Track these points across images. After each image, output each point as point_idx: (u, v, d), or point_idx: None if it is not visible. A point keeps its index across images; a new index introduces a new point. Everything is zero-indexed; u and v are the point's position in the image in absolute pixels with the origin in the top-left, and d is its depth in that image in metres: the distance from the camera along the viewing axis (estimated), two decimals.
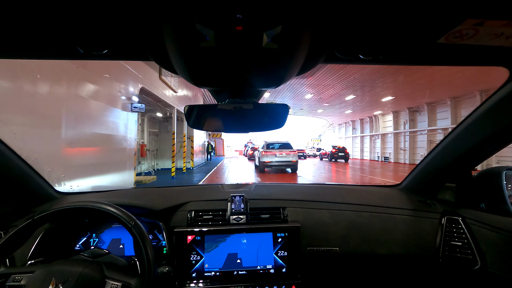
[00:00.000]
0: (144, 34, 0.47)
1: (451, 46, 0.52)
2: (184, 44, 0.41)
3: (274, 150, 11.60)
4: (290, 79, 0.52)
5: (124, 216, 0.74)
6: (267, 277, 0.96)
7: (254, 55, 0.42)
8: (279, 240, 0.98)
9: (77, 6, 0.41)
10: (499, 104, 0.79)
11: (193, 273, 0.94)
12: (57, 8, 0.41)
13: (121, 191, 1.21)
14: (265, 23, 0.37)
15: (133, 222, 0.74)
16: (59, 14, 0.43)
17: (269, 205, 1.08)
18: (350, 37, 0.49)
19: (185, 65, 0.46)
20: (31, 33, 0.49)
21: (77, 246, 1.00)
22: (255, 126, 0.64)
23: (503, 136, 0.84)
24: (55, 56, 0.59)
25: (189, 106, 0.62)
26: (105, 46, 0.52)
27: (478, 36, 0.47)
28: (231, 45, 0.39)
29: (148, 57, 0.54)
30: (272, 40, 0.39)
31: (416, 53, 0.57)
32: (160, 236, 1.01)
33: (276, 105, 0.62)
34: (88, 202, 0.76)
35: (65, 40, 0.50)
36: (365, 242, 1.02)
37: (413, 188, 1.23)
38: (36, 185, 1.03)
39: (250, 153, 21.83)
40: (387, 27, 0.47)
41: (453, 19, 0.43)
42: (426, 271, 1.03)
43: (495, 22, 0.43)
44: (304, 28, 0.40)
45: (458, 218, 1.01)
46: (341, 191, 1.24)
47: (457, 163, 1.01)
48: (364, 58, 0.56)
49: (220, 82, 0.52)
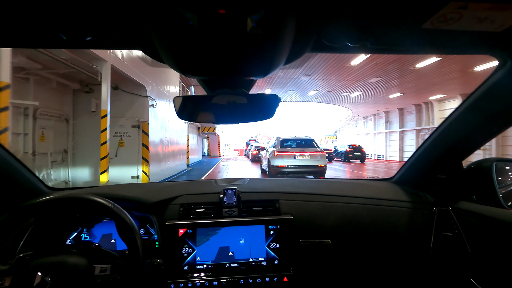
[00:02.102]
0: (127, 20, 0.47)
1: (437, 32, 0.52)
2: (168, 30, 0.40)
3: (292, 150, 8.83)
4: (278, 67, 0.52)
5: (103, 201, 0.75)
6: (259, 269, 0.97)
7: (239, 40, 0.41)
8: (271, 232, 0.99)
9: None
10: (487, 94, 0.79)
11: (185, 266, 0.94)
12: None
13: (112, 186, 1.26)
14: (248, 6, 0.36)
15: (111, 204, 0.75)
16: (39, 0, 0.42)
17: (262, 198, 1.08)
18: (336, 23, 0.50)
19: (170, 53, 0.47)
20: (11, 20, 0.48)
21: (68, 241, 1.00)
22: (245, 117, 0.65)
23: (490, 126, 0.88)
24: (38, 44, 0.58)
25: (178, 97, 0.62)
26: (89, 33, 0.50)
27: (462, 20, 0.47)
28: (214, 30, 0.39)
29: (134, 45, 0.55)
30: (257, 25, 0.38)
31: (403, 39, 0.57)
32: (152, 230, 1.02)
33: (266, 96, 0.62)
34: (68, 194, 0.77)
35: (47, 26, 0.49)
36: (357, 233, 1.03)
37: (405, 180, 1.25)
38: (26, 181, 1.00)
39: (254, 153, 17.61)
40: (372, 12, 0.47)
41: (437, 2, 0.43)
42: (417, 261, 1.04)
43: (478, 5, 0.42)
44: (288, 13, 0.39)
45: (449, 209, 1.04)
46: (334, 184, 1.28)
47: (448, 155, 1.04)
48: (352, 46, 0.55)
49: (206, 70, 0.52)
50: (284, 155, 8.72)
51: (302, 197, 1.09)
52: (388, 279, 1.06)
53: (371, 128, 23.69)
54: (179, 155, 10.24)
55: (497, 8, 0.44)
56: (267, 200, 1.06)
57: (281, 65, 0.52)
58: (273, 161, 8.75)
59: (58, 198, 0.74)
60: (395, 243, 1.03)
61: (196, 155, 17.97)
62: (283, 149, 8.90)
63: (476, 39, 0.55)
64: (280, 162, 8.55)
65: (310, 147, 9.04)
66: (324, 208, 1.06)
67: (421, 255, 1.02)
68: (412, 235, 1.03)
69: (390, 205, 1.09)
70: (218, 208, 1.02)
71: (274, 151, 8.91)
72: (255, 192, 1.10)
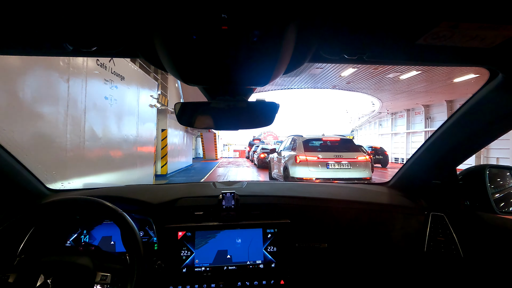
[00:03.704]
0: (133, 32, 0.48)
1: (430, 47, 0.53)
2: (172, 43, 0.42)
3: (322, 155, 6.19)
4: (277, 77, 0.53)
5: (110, 206, 0.76)
6: (256, 272, 0.97)
7: (240, 54, 0.43)
8: (269, 236, 0.99)
9: (65, 2, 0.41)
10: (479, 104, 0.81)
11: (184, 269, 0.94)
12: (45, 4, 0.41)
13: (112, 188, 1.22)
14: (249, 23, 0.38)
15: (119, 211, 0.76)
16: (48, 10, 0.43)
17: (260, 201, 1.08)
18: (335, 38, 0.51)
19: (174, 64, 0.48)
20: (18, 28, 0.48)
21: (68, 242, 0.99)
22: (245, 123, 0.67)
23: (483, 135, 0.89)
24: (43, 53, 0.59)
25: (179, 103, 0.63)
26: (94, 43, 0.51)
27: (454, 37, 0.49)
28: (217, 44, 0.41)
29: (138, 54, 0.55)
30: (258, 40, 0.40)
31: (397, 53, 0.59)
32: (151, 232, 1.01)
33: (265, 103, 0.63)
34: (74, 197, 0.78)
35: (54, 36, 0.50)
36: (353, 238, 1.05)
37: (400, 185, 1.26)
38: (26, 182, 0.99)
39: (262, 157, 13.31)
40: (368, 28, 0.48)
41: (430, 22, 0.45)
42: (412, 265, 1.05)
43: (469, 25, 0.45)
44: (288, 29, 0.41)
45: (443, 215, 1.05)
46: (330, 189, 1.27)
47: (442, 161, 1.05)
48: (349, 58, 0.56)
49: (208, 80, 0.53)
50: (310, 162, 6.10)
51: (300, 201, 1.10)
52: (383, 283, 1.07)
53: (403, 127, 19.27)
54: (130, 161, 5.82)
55: (487, 27, 0.45)
56: (265, 204, 1.06)
57: (281, 75, 0.54)
58: (293, 171, 6.19)
59: (66, 200, 0.75)
60: (390, 247, 1.05)
61: (184, 158, 13.60)
62: (309, 153, 6.22)
63: (468, 53, 0.57)
64: (305, 173, 6.07)
65: (349, 150, 6.40)
66: (321, 212, 1.07)
67: (415, 260, 1.04)
68: (407, 239, 1.05)
69: (386, 209, 1.10)
70: (217, 211, 1.01)
71: (295, 155, 6.24)
72: (253, 195, 1.10)
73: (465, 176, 1.03)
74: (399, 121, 20.07)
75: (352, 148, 6.55)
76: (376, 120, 23.09)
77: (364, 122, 25.13)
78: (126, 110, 5.46)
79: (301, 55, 0.51)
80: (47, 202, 0.73)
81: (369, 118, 23.64)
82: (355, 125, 27.13)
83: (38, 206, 0.73)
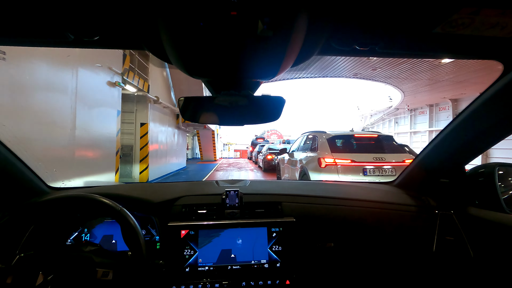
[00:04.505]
0: (136, 21, 0.46)
1: (447, 36, 0.52)
2: (178, 31, 0.40)
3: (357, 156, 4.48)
4: (285, 70, 0.51)
5: (110, 203, 0.74)
6: (261, 272, 0.94)
7: (249, 42, 0.41)
8: (274, 234, 0.97)
9: None
10: (491, 100, 0.79)
11: (187, 268, 0.92)
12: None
13: (113, 186, 1.22)
14: (260, 9, 0.36)
15: (119, 207, 0.74)
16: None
17: (264, 200, 1.06)
18: (347, 27, 0.50)
19: (179, 54, 0.47)
20: (19, 19, 0.47)
21: (69, 241, 0.97)
22: (250, 119, 0.65)
23: (494, 132, 0.87)
24: (44, 43, 0.57)
25: (184, 98, 0.61)
26: (97, 33, 0.50)
27: (474, 25, 0.47)
28: (225, 32, 0.39)
29: (142, 45, 0.54)
30: (268, 27, 0.38)
31: (412, 43, 0.57)
32: (153, 231, 1.00)
33: (272, 97, 0.62)
34: (74, 193, 0.76)
35: (55, 25, 0.48)
36: (360, 237, 1.03)
37: (407, 184, 1.24)
38: (26, 179, 0.98)
39: (269, 159, 11.23)
40: (383, 17, 0.47)
41: (449, 8, 0.43)
42: (420, 265, 1.03)
43: (490, 11, 0.43)
44: (299, 16, 0.39)
45: (452, 214, 1.04)
46: (336, 187, 1.26)
47: (450, 159, 1.04)
48: (360, 49, 0.56)
49: (214, 71, 0.52)
50: (341, 168, 4.36)
51: (305, 199, 1.08)
52: (391, 283, 1.05)
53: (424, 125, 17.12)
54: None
55: (510, 13, 0.44)
56: (269, 202, 1.04)
57: (289, 68, 0.52)
58: (317, 178, 4.47)
59: (62, 198, 0.73)
60: (398, 246, 1.03)
61: (175, 160, 11.51)
62: (338, 154, 4.49)
63: (485, 44, 0.56)
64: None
65: (391, 151, 4.66)
66: (326, 211, 1.06)
67: (423, 259, 1.02)
68: (415, 239, 1.03)
69: (393, 208, 1.08)
70: (220, 209, 1.00)
71: (318, 158, 4.56)
72: (257, 194, 1.08)
73: (474, 175, 1.02)
74: (419, 118, 17.93)
75: (394, 148, 4.80)
76: (392, 118, 20.96)
77: (377, 120, 22.98)
78: (38, 79, 3.36)
79: (311, 46, 0.49)
80: (43, 200, 0.70)
81: (383, 115, 21.51)
82: (366, 123, 24.99)
83: (33, 203, 0.70)
